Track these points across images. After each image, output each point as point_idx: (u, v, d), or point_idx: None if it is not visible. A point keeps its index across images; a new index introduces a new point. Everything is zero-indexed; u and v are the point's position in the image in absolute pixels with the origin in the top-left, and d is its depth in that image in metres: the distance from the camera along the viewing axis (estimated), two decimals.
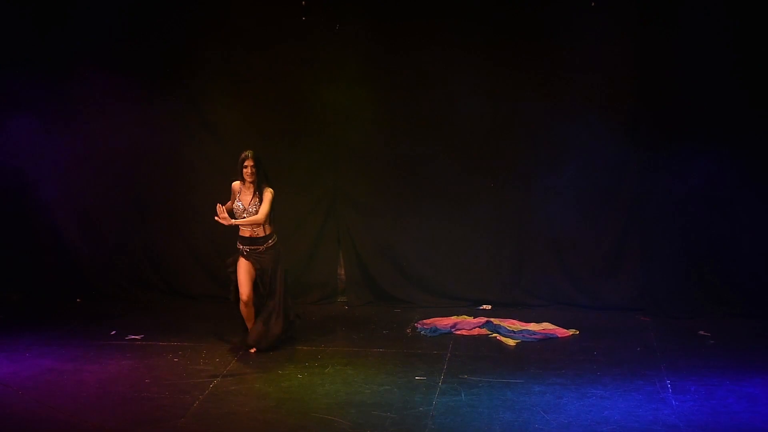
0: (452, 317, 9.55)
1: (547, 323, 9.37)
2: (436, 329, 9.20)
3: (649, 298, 9.71)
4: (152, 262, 10.43)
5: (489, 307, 9.97)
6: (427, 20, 9.75)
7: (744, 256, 9.58)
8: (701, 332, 9.11)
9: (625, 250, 9.84)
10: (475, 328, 9.23)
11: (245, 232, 8.35)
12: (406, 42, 9.82)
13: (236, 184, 8.42)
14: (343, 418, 7.00)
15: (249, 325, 8.54)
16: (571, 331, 9.18)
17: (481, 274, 10.08)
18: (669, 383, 7.67)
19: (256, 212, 8.28)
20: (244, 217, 8.27)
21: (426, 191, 10.04)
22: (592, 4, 9.40)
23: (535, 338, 8.99)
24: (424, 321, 9.47)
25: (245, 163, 8.29)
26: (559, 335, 9.10)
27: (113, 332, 9.19)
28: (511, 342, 8.90)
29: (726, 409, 7.15)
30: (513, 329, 9.16)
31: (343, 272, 10.37)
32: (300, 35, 9.86)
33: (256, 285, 8.43)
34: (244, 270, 8.38)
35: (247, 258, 8.39)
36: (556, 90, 9.72)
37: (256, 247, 8.37)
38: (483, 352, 8.61)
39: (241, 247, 8.42)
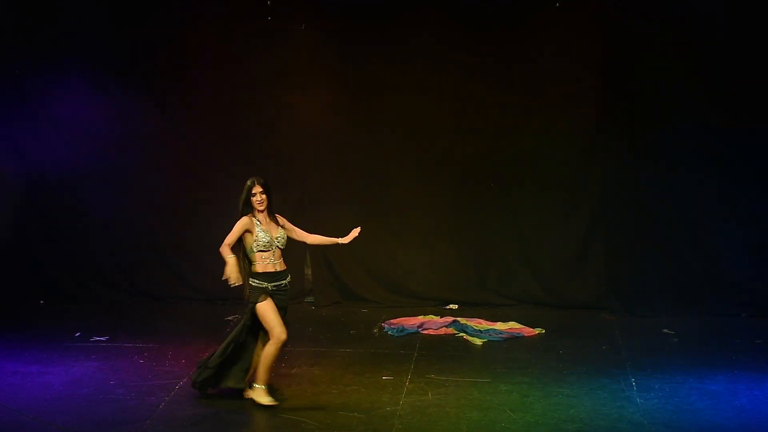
0: (419, 317, 9.58)
1: (513, 322, 9.42)
2: (403, 329, 9.22)
3: (614, 297, 9.80)
4: (117, 263, 10.35)
5: (456, 306, 10.01)
6: (393, 20, 9.78)
7: (707, 256, 9.69)
8: (665, 330, 9.21)
9: (590, 250, 9.92)
10: (442, 327, 9.26)
11: (269, 267, 7.24)
12: (373, 41, 9.83)
13: (246, 220, 7.27)
14: (310, 419, 6.99)
15: (267, 370, 7.29)
16: (537, 331, 9.24)
17: (447, 274, 10.12)
18: (634, 381, 7.74)
19: (284, 238, 7.34)
20: (275, 249, 7.26)
21: (393, 192, 10.07)
22: (557, 5, 9.48)
23: (502, 337, 9.03)
24: (391, 321, 9.49)
25: (253, 191, 7.29)
26: (526, 334, 9.15)
27: (78, 334, 9.11)
28: (477, 341, 8.94)
29: (689, 407, 7.23)
30: (480, 329, 9.20)
31: (310, 272, 10.36)
32: (265, 35, 9.84)
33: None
34: (273, 308, 7.22)
35: (272, 296, 7.25)
36: (521, 90, 9.78)
37: (280, 282, 7.28)
38: (450, 352, 8.64)
39: (267, 286, 7.22)
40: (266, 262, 7.24)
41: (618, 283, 9.82)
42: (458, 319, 9.43)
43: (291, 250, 10.24)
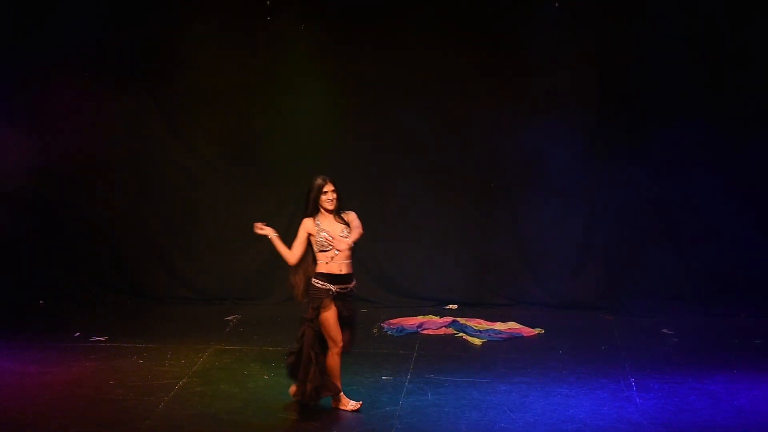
0: (419, 317, 9.58)
1: (512, 323, 9.42)
2: (402, 329, 9.22)
3: (613, 297, 9.80)
4: (117, 263, 10.35)
5: (455, 306, 10.01)
6: (392, 21, 9.78)
7: (706, 256, 9.69)
8: (664, 330, 9.21)
9: (589, 250, 9.93)
10: (441, 327, 9.26)
11: (335, 268, 6.97)
12: (371, 41, 9.83)
13: (309, 221, 7.04)
14: (309, 419, 6.99)
15: (327, 379, 7.07)
16: (536, 331, 9.25)
17: (447, 274, 10.12)
18: (633, 381, 7.75)
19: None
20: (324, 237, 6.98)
21: (392, 192, 10.07)
22: (556, 4, 9.48)
23: (501, 337, 9.04)
24: (391, 321, 9.49)
25: (324, 190, 7.04)
26: (525, 334, 9.16)
27: (77, 334, 9.11)
28: (477, 341, 8.94)
29: (688, 407, 7.23)
30: (479, 329, 9.20)
31: None
32: (265, 35, 9.84)
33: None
34: (334, 315, 7.00)
35: (335, 301, 6.98)
36: (521, 90, 9.78)
37: (346, 285, 7.00)
38: (449, 352, 8.64)
39: (330, 287, 6.97)
40: (328, 264, 6.97)
41: (617, 284, 9.82)
42: (458, 319, 9.43)
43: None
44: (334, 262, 6.97)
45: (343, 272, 6.98)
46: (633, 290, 9.77)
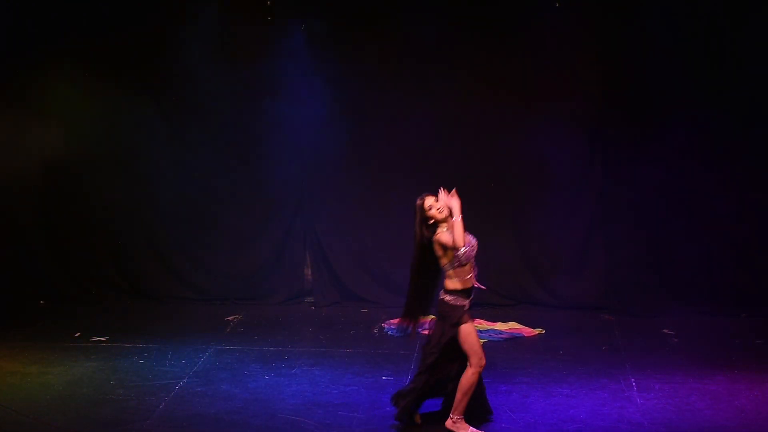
0: None
1: (513, 322, 9.42)
2: None
3: (614, 297, 9.80)
4: (117, 263, 10.34)
5: None
6: (393, 20, 9.77)
7: (707, 256, 9.68)
8: (665, 331, 9.21)
9: (590, 250, 9.92)
10: None
11: (467, 283, 6.64)
12: (372, 41, 9.83)
13: (441, 237, 6.63)
14: (310, 419, 7.00)
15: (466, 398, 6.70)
16: (537, 331, 9.24)
17: None
18: (634, 382, 7.74)
19: (466, 245, 6.63)
20: (464, 252, 6.56)
21: (392, 191, 10.04)
22: (557, 5, 9.47)
23: (502, 337, 9.04)
24: (391, 321, 9.48)
25: (428, 205, 6.71)
26: (525, 334, 9.15)
27: (78, 334, 9.11)
28: None
29: (689, 407, 7.23)
30: (479, 329, 9.17)
31: (309, 272, 10.35)
32: (266, 35, 9.84)
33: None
34: (475, 330, 6.72)
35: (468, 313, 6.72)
36: (521, 89, 9.78)
37: (471, 299, 6.72)
38: None
39: (465, 304, 6.67)
40: (468, 278, 6.59)
41: (618, 284, 9.81)
42: None
43: (290, 250, 10.33)
44: (471, 274, 6.61)
45: (471, 287, 6.62)
46: (634, 290, 9.76)
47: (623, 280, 9.80)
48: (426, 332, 9.13)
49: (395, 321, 9.43)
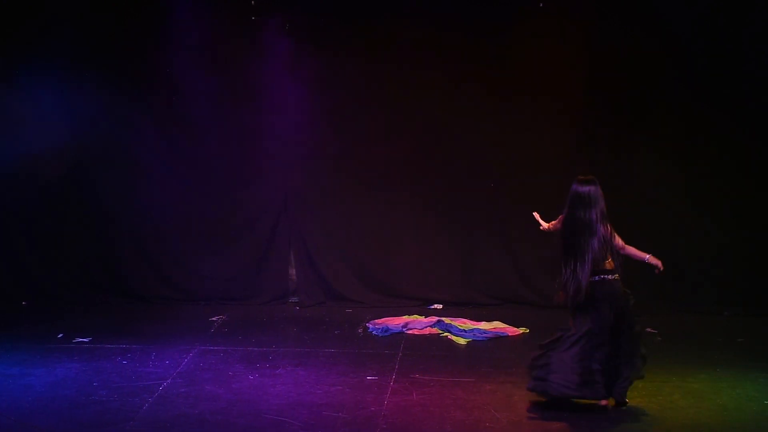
0: (403, 317, 9.58)
1: (497, 322, 9.43)
2: (387, 329, 9.22)
3: None
4: (100, 263, 10.30)
5: (440, 306, 10.02)
6: (378, 18, 9.77)
7: (690, 254, 9.73)
8: (648, 329, 9.23)
9: None
10: (426, 327, 9.27)
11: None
12: (357, 41, 9.83)
13: None
14: (294, 419, 6.98)
15: None
16: (521, 330, 9.26)
17: (432, 274, 10.13)
18: None
19: None
20: None
21: (377, 192, 10.06)
22: (540, 4, 9.49)
23: (486, 337, 9.05)
24: (376, 321, 9.49)
25: None
26: (510, 334, 9.17)
27: (60, 335, 9.07)
28: (462, 341, 8.95)
29: (672, 405, 7.27)
30: (464, 328, 9.21)
31: (294, 273, 10.34)
32: (249, 34, 9.82)
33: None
34: None
35: None
36: (506, 89, 9.79)
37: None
38: (434, 352, 8.64)
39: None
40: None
41: None
42: (443, 318, 9.43)
43: (274, 250, 10.31)
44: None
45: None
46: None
47: None
48: (411, 332, 9.17)
49: (379, 321, 9.47)
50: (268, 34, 9.80)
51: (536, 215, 7.57)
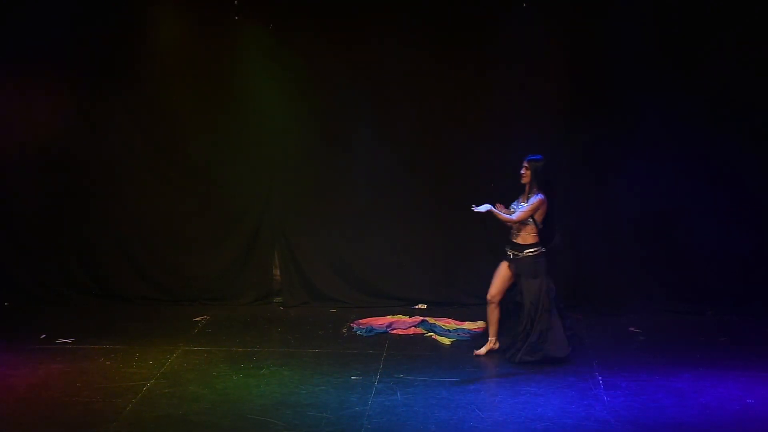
0: (388, 317, 9.58)
1: (481, 322, 9.41)
2: (371, 329, 9.22)
3: (581, 295, 9.85)
4: (82, 263, 10.25)
5: (424, 306, 10.02)
6: (362, 18, 9.76)
7: (674, 253, 9.77)
8: (632, 329, 9.27)
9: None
10: (410, 327, 9.27)
11: (511, 234, 8.38)
12: (341, 40, 9.82)
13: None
14: (278, 419, 6.98)
15: (491, 328, 8.46)
16: None
17: (416, 274, 10.13)
18: (600, 380, 7.80)
19: (515, 211, 8.31)
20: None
21: (361, 191, 10.06)
22: (524, 5, 9.51)
23: (470, 336, 9.06)
24: (360, 321, 9.48)
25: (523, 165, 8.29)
26: None
27: (43, 336, 9.02)
28: (446, 341, 8.96)
29: (656, 404, 7.30)
30: (448, 328, 9.22)
31: (278, 272, 10.33)
32: (232, 34, 9.80)
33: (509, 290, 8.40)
34: (500, 271, 8.40)
35: (507, 261, 8.37)
36: (489, 91, 9.80)
37: (516, 252, 8.36)
38: (418, 352, 8.65)
39: (506, 249, 8.44)
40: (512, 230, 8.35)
41: (584, 282, 9.87)
42: (427, 318, 9.44)
43: (258, 250, 10.29)
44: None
45: (512, 240, 8.36)
46: (600, 288, 9.83)
47: (590, 278, 9.86)
48: (395, 332, 9.17)
49: (364, 321, 9.47)
50: (250, 33, 9.77)
51: (499, 207, 8.32)
